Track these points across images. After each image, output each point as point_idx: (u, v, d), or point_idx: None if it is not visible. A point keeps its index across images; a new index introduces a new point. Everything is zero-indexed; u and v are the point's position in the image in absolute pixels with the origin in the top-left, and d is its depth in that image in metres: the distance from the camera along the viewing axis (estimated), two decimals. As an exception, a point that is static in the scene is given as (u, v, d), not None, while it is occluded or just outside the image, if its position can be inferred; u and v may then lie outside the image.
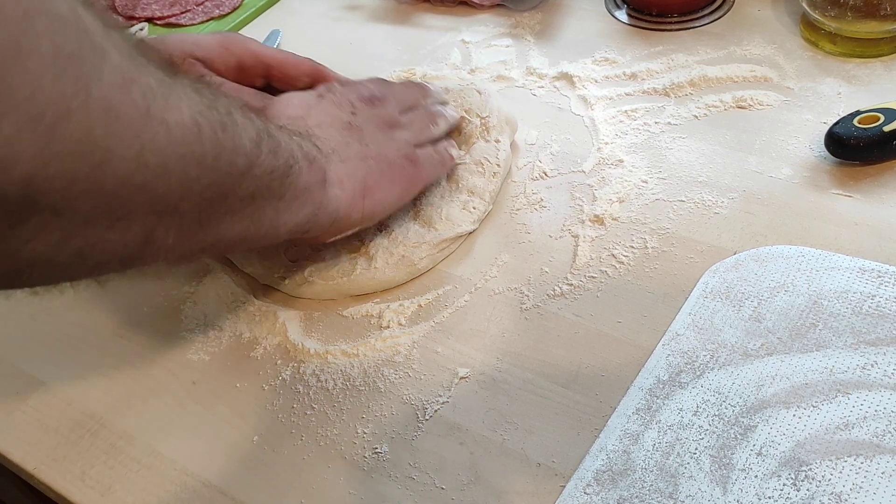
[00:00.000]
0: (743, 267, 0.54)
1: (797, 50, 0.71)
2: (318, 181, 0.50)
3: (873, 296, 0.51)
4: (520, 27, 0.81)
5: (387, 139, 0.57)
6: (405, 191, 0.58)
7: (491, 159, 0.63)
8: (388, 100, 0.60)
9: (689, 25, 0.76)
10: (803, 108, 0.65)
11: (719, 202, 0.60)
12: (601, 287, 0.56)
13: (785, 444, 0.45)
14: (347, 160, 0.54)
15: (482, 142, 0.64)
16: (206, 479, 0.50)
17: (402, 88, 0.63)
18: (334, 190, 0.51)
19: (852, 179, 0.59)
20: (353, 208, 0.53)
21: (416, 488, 0.48)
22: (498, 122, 0.65)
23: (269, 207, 0.46)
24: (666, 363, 0.50)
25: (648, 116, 0.68)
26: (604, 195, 0.62)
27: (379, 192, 0.55)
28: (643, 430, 0.47)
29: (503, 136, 0.65)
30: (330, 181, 0.51)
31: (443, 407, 0.51)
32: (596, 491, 0.45)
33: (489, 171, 0.63)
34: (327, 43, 0.85)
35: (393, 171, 0.56)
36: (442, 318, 0.57)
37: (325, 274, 0.59)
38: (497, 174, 0.63)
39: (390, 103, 0.60)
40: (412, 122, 0.60)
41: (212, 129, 0.39)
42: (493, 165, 0.63)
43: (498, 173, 0.63)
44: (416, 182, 0.59)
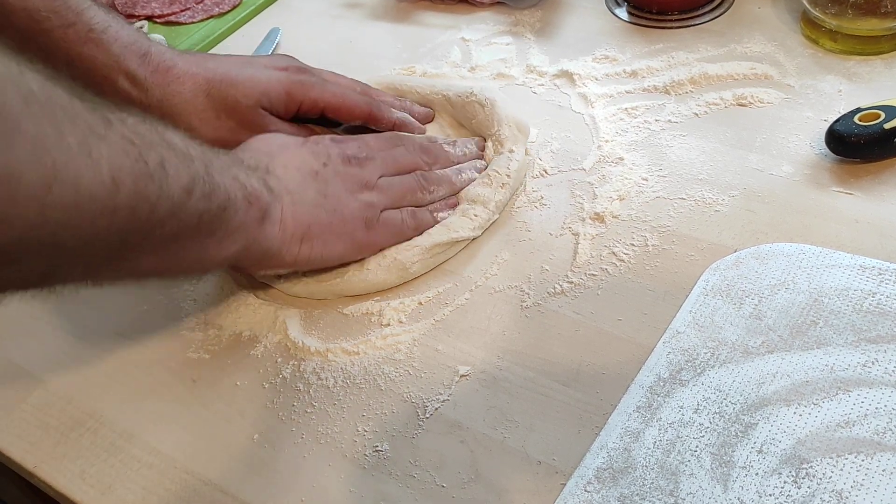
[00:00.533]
0: (743, 265, 0.54)
1: (797, 47, 0.71)
2: (255, 219, 0.51)
3: (874, 293, 0.51)
4: (520, 25, 0.80)
5: (349, 197, 0.58)
6: (351, 250, 0.58)
7: (500, 170, 0.62)
8: (371, 161, 0.60)
9: (689, 23, 0.76)
10: (804, 106, 0.65)
11: (720, 200, 0.60)
12: (602, 285, 0.56)
13: (786, 442, 0.45)
14: (298, 203, 0.55)
15: (494, 154, 0.64)
16: (207, 478, 0.50)
17: (404, 152, 0.63)
18: (272, 228, 0.53)
19: (853, 177, 0.59)
20: (288, 250, 0.54)
21: (417, 486, 0.48)
22: (510, 133, 0.64)
23: (195, 244, 0.47)
24: (667, 361, 0.50)
25: (649, 114, 0.68)
26: (604, 193, 0.62)
27: (319, 243, 0.56)
28: (644, 427, 0.47)
29: (517, 145, 0.64)
30: (270, 219, 0.52)
31: (443, 405, 0.51)
32: (597, 489, 0.45)
33: (497, 181, 0.62)
34: (327, 41, 0.85)
35: (343, 228, 0.57)
36: (442, 315, 0.57)
37: (318, 275, 0.59)
38: (506, 185, 0.62)
39: (372, 165, 0.60)
40: (392, 186, 0.60)
41: (133, 182, 0.40)
42: (501, 176, 0.62)
43: (507, 184, 0.62)
44: (368, 244, 0.59)
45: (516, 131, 0.65)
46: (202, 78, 0.62)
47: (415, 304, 0.58)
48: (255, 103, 0.63)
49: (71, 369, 0.58)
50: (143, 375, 0.57)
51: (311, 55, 0.83)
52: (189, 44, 0.87)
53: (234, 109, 0.63)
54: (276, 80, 0.64)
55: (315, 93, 0.64)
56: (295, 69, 0.66)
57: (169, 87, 0.61)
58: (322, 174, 0.57)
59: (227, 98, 0.62)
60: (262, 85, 0.63)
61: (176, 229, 0.44)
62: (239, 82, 0.63)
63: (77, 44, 0.59)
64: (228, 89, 0.62)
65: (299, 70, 0.66)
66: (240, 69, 0.64)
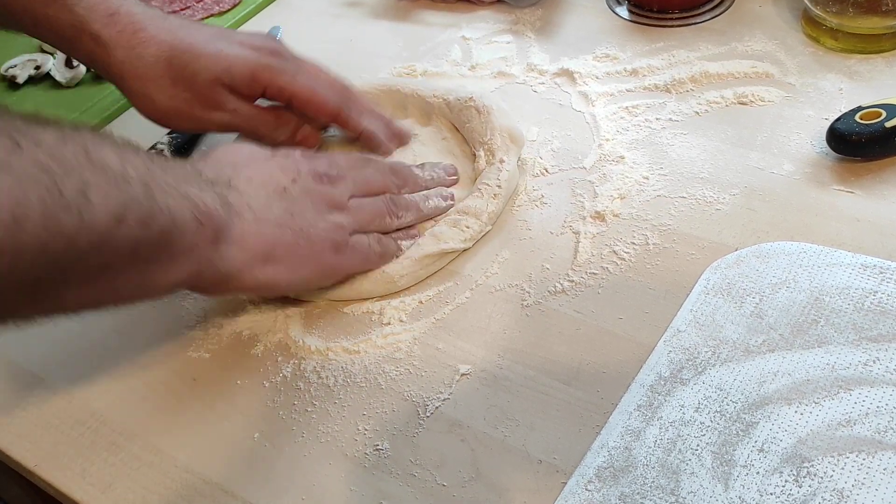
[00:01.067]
0: (744, 263, 0.54)
1: (798, 46, 0.71)
2: (207, 240, 0.47)
3: (875, 292, 0.51)
4: (520, 23, 0.80)
5: (318, 217, 0.55)
6: (318, 274, 0.56)
7: (491, 182, 0.61)
8: (343, 181, 0.58)
9: (690, 21, 0.76)
10: (805, 105, 0.65)
11: (720, 198, 0.60)
12: (602, 284, 0.56)
13: (787, 441, 0.45)
14: (261, 221, 0.51)
15: (486, 165, 0.63)
16: (207, 477, 0.50)
17: (374, 173, 0.60)
18: (230, 248, 0.49)
19: (854, 176, 0.59)
20: (248, 272, 0.51)
21: (417, 485, 0.48)
22: (502, 142, 0.63)
23: (131, 273, 0.44)
24: (667, 360, 0.50)
25: (649, 113, 0.68)
26: (605, 192, 0.62)
27: (284, 265, 0.53)
28: (645, 426, 0.47)
29: (509, 156, 0.62)
30: (228, 238, 0.49)
31: (444, 404, 0.51)
32: (597, 488, 0.45)
33: (488, 193, 0.61)
34: (327, 39, 0.85)
35: (309, 250, 0.54)
36: (443, 314, 0.57)
37: None
38: (498, 195, 0.61)
39: (343, 185, 0.57)
40: (362, 208, 0.58)
41: (43, 215, 0.36)
42: (492, 188, 0.61)
43: (499, 195, 0.61)
44: (335, 270, 0.56)
45: (509, 141, 0.63)
46: (167, 45, 0.60)
47: (415, 303, 0.58)
48: (215, 79, 0.61)
49: (71, 368, 0.58)
50: (144, 374, 0.57)
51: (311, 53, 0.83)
52: (189, 42, 0.87)
53: (191, 81, 0.61)
54: (243, 58, 0.61)
55: (283, 79, 0.62)
56: (268, 51, 0.63)
57: (133, 49, 0.60)
58: (290, 191, 0.54)
59: (187, 69, 0.60)
60: (227, 61, 0.61)
61: (103, 261, 0.41)
62: (203, 55, 0.61)
63: (41, 5, 0.59)
64: (190, 60, 0.60)
65: (272, 52, 0.63)
66: (210, 42, 0.61)
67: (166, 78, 0.60)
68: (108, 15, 0.60)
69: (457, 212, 0.61)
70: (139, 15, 0.61)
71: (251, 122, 0.64)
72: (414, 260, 0.58)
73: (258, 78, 0.61)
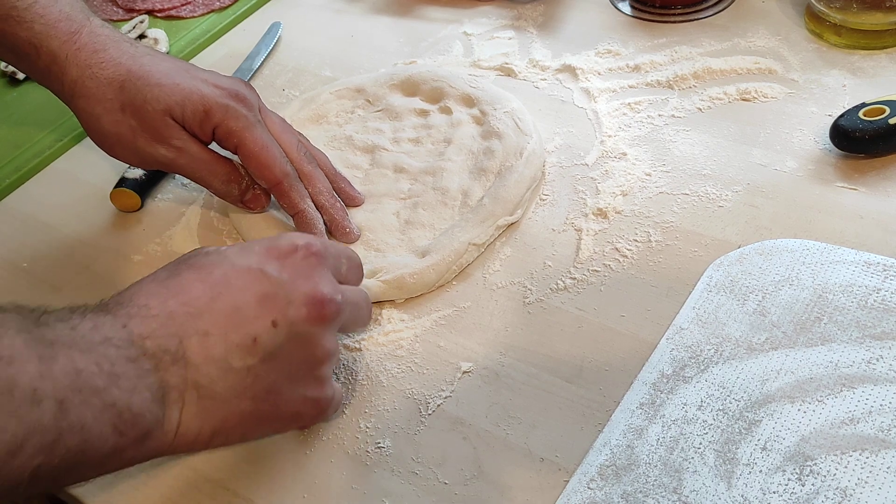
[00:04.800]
0: (747, 260, 0.54)
1: (802, 42, 0.70)
2: (129, 443, 0.41)
3: (879, 289, 0.50)
4: (522, 19, 0.80)
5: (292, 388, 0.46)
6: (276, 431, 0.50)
7: None
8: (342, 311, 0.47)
9: (692, 17, 0.75)
10: (808, 101, 0.65)
11: (723, 195, 0.59)
12: (605, 281, 0.56)
13: (790, 439, 0.45)
14: (208, 399, 0.44)
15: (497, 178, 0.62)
16: (209, 474, 0.50)
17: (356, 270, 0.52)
18: (164, 438, 0.43)
19: (857, 172, 0.59)
20: (190, 447, 0.45)
21: (419, 483, 0.47)
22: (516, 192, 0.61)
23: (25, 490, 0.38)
24: (670, 357, 0.50)
25: (652, 109, 0.67)
26: (607, 188, 0.61)
27: (237, 435, 0.46)
28: (647, 424, 0.47)
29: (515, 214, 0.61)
30: (159, 433, 0.43)
31: (445, 401, 0.51)
32: (600, 486, 0.45)
33: None
34: (328, 35, 0.85)
35: (271, 414, 0.46)
36: (445, 312, 0.56)
37: None
38: None
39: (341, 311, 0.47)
40: None
41: None
42: None
43: None
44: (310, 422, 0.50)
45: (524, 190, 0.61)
46: (125, 69, 0.58)
47: (417, 301, 0.57)
48: (164, 110, 0.57)
49: (72, 365, 0.58)
50: (145, 371, 0.57)
51: (312, 50, 0.83)
52: (190, 38, 0.87)
53: (140, 109, 0.58)
54: (200, 94, 0.58)
55: (235, 124, 0.58)
56: (231, 93, 0.59)
57: (89, 68, 0.58)
58: (263, 342, 0.44)
59: (137, 96, 0.58)
60: (182, 95, 0.58)
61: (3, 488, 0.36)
62: (157, 84, 0.58)
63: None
64: (143, 88, 0.58)
65: (235, 96, 0.59)
66: (170, 74, 0.59)
67: (116, 102, 0.58)
68: (70, 33, 0.58)
69: None
70: (103, 36, 0.59)
71: (198, 167, 0.60)
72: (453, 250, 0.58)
73: (210, 115, 0.58)
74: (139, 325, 0.42)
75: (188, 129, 0.59)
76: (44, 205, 0.72)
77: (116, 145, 0.60)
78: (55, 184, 0.74)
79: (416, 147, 0.67)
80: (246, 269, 0.45)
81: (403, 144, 0.68)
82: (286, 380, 0.45)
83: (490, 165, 0.62)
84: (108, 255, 0.66)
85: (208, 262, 0.46)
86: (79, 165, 0.75)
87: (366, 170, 0.67)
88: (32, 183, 0.75)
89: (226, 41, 0.87)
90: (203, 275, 0.45)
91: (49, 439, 0.37)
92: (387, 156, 0.67)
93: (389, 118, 0.70)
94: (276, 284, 0.45)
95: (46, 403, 0.37)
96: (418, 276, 0.57)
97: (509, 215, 0.60)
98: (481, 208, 0.60)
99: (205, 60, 0.85)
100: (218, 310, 0.44)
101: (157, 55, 0.61)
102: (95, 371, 0.40)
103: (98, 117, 0.59)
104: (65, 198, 0.72)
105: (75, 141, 0.77)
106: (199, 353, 0.43)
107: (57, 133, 0.78)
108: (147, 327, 0.42)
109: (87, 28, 0.59)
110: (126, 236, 0.67)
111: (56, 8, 0.59)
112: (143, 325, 0.42)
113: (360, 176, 0.66)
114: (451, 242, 0.58)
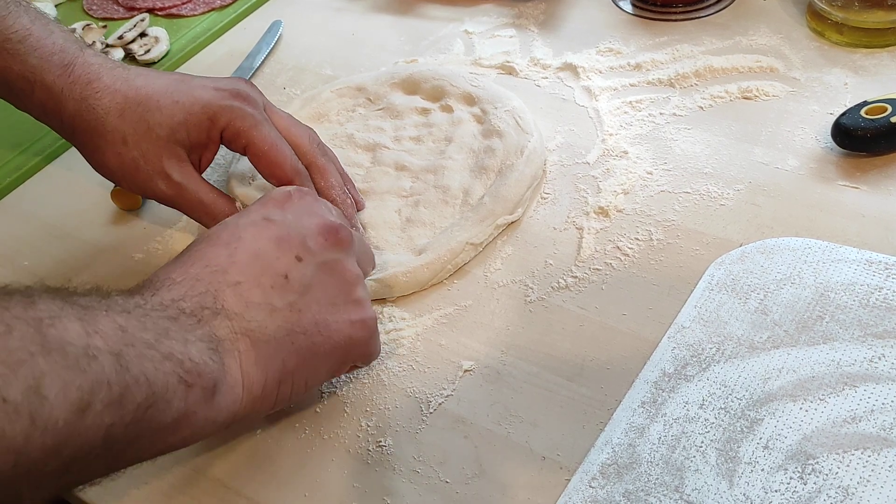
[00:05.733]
0: (749, 259, 0.54)
1: (803, 40, 0.70)
2: (200, 399, 0.40)
3: (880, 288, 0.50)
4: (523, 17, 0.80)
5: (333, 304, 0.46)
6: (344, 361, 0.49)
7: None
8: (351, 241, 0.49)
9: (694, 15, 0.75)
10: (810, 99, 0.65)
11: (725, 194, 0.59)
12: (606, 279, 0.56)
13: (791, 438, 0.44)
14: (262, 343, 0.43)
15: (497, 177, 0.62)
16: (210, 473, 0.50)
17: None
18: (233, 394, 0.42)
19: (859, 171, 0.59)
20: (260, 405, 0.45)
21: (421, 482, 0.47)
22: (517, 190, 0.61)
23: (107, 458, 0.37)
24: (671, 356, 0.50)
25: (653, 107, 0.67)
26: (608, 187, 0.61)
27: (301, 377, 0.46)
28: (649, 423, 0.47)
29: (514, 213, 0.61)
30: (226, 385, 0.42)
31: (447, 400, 0.51)
32: (601, 484, 0.45)
33: None
34: (329, 33, 0.85)
35: (329, 344, 0.46)
36: (446, 310, 0.56)
37: None
38: None
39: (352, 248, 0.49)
40: None
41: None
42: None
43: None
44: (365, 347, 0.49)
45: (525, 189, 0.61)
46: (120, 95, 0.56)
47: (418, 299, 0.57)
48: (168, 135, 0.56)
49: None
50: (146, 370, 0.57)
51: (313, 48, 0.83)
52: (190, 36, 0.87)
53: (143, 138, 0.56)
54: (202, 103, 0.56)
55: (242, 124, 0.56)
56: (233, 93, 0.57)
57: (86, 101, 0.56)
58: (294, 278, 0.45)
59: (140, 123, 0.56)
60: (183, 113, 0.56)
61: (64, 461, 0.34)
62: (157, 108, 0.56)
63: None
64: (143, 114, 0.56)
65: (237, 95, 0.57)
66: (168, 92, 0.57)
67: (116, 133, 0.56)
68: (63, 66, 0.57)
69: None
70: (95, 65, 0.57)
71: (194, 208, 0.58)
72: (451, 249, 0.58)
73: (216, 120, 0.56)
74: (168, 292, 0.42)
75: (195, 145, 0.58)
76: (44, 204, 0.72)
77: (122, 180, 0.59)
78: (56, 182, 0.74)
79: (417, 145, 0.67)
80: (251, 223, 0.47)
81: (404, 143, 0.68)
82: (328, 308, 0.46)
83: (491, 164, 0.62)
84: (109, 254, 0.66)
85: (214, 232, 0.47)
86: (79, 164, 0.75)
87: (367, 168, 0.67)
88: (33, 182, 0.75)
89: (226, 40, 0.87)
90: (213, 240, 0.46)
91: (116, 393, 0.35)
92: (388, 154, 0.67)
93: (390, 117, 0.70)
94: (286, 226, 0.46)
95: (103, 358, 0.35)
96: (411, 275, 0.57)
97: (509, 214, 0.60)
98: (482, 207, 0.60)
99: (205, 59, 0.85)
100: (240, 261, 0.44)
101: (151, 74, 0.59)
102: (140, 327, 0.38)
103: (101, 151, 0.57)
104: (65, 196, 0.72)
105: (76, 139, 0.77)
106: (237, 302, 0.43)
107: (58, 132, 0.78)
108: (177, 292, 0.42)
109: (81, 59, 0.57)
110: (127, 235, 0.67)
111: (50, 41, 0.57)
112: (172, 292, 0.42)
113: (361, 174, 0.66)
114: (449, 241, 0.58)
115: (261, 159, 0.57)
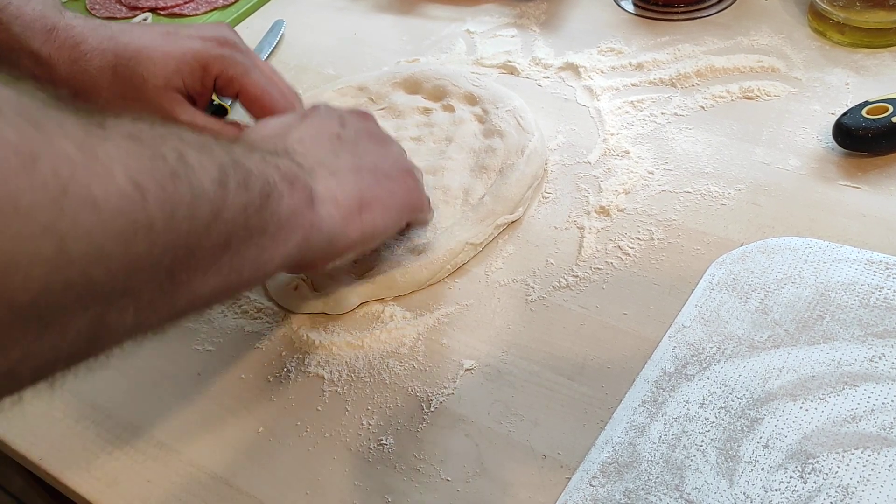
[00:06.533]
0: (750, 258, 0.54)
1: (805, 40, 0.70)
2: (303, 201, 0.43)
3: (881, 287, 0.50)
4: (525, 17, 0.80)
5: (382, 151, 0.53)
6: (406, 205, 0.53)
7: None
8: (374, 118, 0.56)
9: (695, 15, 0.75)
10: (811, 99, 0.65)
11: (726, 193, 0.59)
12: (607, 279, 0.56)
13: (792, 437, 0.45)
14: (338, 173, 0.48)
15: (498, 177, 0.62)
16: (212, 471, 0.50)
17: None
18: (326, 207, 0.46)
19: (860, 171, 0.59)
20: (351, 226, 0.48)
21: (422, 480, 0.48)
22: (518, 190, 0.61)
23: (250, 248, 0.39)
24: (672, 355, 0.50)
25: (655, 107, 0.67)
26: (609, 186, 0.61)
27: (378, 206, 0.50)
28: (649, 422, 0.47)
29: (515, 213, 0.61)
30: (319, 198, 0.45)
31: (448, 399, 0.51)
32: (602, 483, 0.45)
33: None
34: (331, 33, 0.85)
35: (391, 184, 0.51)
36: (447, 309, 0.57)
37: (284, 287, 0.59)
38: None
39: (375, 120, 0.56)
40: None
41: (159, 185, 0.32)
42: None
43: None
44: (419, 195, 0.54)
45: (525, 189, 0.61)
46: (111, 53, 0.56)
47: (419, 299, 0.58)
48: (165, 83, 0.56)
49: (76, 362, 0.58)
50: (148, 368, 0.57)
51: (315, 48, 0.83)
52: (193, 36, 0.87)
53: (139, 91, 0.57)
54: (192, 53, 0.57)
55: (234, 71, 0.58)
56: (220, 41, 0.59)
57: (76, 63, 0.56)
58: (343, 136, 0.51)
59: (135, 77, 0.56)
60: (175, 62, 0.57)
61: (224, 233, 0.36)
62: (150, 59, 0.56)
63: None
64: (136, 68, 0.56)
65: (224, 43, 0.59)
66: (155, 44, 0.57)
67: (112, 90, 0.57)
68: (47, 31, 0.56)
69: None
70: (78, 28, 0.57)
71: None
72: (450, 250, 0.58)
73: (209, 69, 0.58)
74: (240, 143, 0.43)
75: (191, 93, 0.58)
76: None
77: None
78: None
79: (418, 145, 0.67)
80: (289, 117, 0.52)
81: (406, 143, 0.68)
82: (380, 157, 0.52)
83: (491, 163, 0.62)
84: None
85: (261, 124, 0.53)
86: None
87: None
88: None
89: (229, 39, 0.87)
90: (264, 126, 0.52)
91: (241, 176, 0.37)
92: None
93: (392, 116, 0.70)
94: (320, 111, 0.53)
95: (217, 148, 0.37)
96: (409, 275, 0.57)
97: (510, 213, 0.60)
98: (482, 206, 0.60)
99: (208, 58, 0.85)
100: (298, 130, 0.50)
101: (135, 29, 0.59)
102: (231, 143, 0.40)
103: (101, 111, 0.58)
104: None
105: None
106: (304, 149, 0.48)
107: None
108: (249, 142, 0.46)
109: (63, 22, 0.57)
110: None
111: (29, 7, 0.57)
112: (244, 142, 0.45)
113: None
114: (448, 241, 0.58)
115: (254, 104, 0.59)
